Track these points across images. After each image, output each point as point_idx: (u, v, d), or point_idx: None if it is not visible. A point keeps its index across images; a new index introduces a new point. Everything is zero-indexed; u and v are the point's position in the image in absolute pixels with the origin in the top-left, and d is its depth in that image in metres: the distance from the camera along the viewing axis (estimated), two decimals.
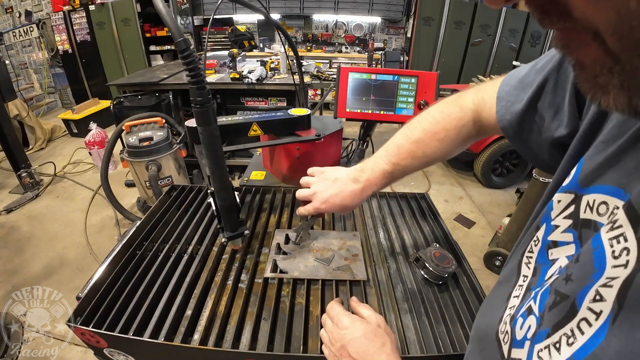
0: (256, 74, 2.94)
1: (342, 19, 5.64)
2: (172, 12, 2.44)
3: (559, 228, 0.35)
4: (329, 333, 0.56)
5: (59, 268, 2.33)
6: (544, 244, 0.36)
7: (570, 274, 0.29)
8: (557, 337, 0.28)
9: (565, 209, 0.34)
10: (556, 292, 0.30)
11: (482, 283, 0.73)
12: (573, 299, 0.27)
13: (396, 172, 0.69)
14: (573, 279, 0.28)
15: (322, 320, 0.60)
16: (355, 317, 0.57)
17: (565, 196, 0.35)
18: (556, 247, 0.34)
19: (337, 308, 0.59)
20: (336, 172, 0.74)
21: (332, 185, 0.71)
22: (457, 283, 0.75)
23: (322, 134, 1.08)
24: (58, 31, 5.28)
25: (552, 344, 0.28)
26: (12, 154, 3.13)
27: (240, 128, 0.97)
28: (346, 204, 0.69)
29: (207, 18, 5.37)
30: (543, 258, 0.36)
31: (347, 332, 0.54)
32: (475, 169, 3.48)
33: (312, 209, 0.72)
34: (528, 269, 0.38)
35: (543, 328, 0.30)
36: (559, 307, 0.29)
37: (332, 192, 0.70)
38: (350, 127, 1.36)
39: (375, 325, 0.55)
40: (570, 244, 0.33)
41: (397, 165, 0.68)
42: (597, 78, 0.22)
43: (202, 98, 0.58)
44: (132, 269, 0.74)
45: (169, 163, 2.51)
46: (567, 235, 0.33)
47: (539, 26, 3.29)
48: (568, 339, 0.27)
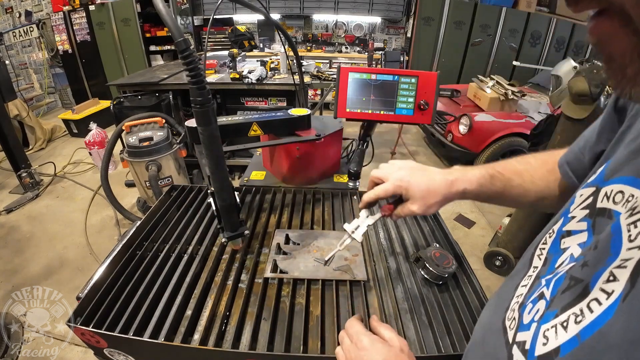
0: (256, 74, 2.94)
1: (342, 19, 5.64)
2: (172, 12, 2.44)
3: (575, 218, 0.35)
4: (346, 352, 0.52)
5: (59, 268, 2.33)
6: (558, 234, 0.36)
7: (587, 260, 0.29)
8: (565, 317, 0.28)
9: (583, 201, 0.35)
10: (571, 277, 0.30)
11: (482, 283, 0.73)
12: (587, 282, 0.28)
13: (496, 180, 0.58)
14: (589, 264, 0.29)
15: (340, 338, 0.55)
16: (377, 338, 0.52)
17: (586, 190, 0.35)
18: (569, 236, 0.35)
19: (356, 326, 0.54)
20: (413, 163, 0.64)
21: (417, 169, 0.62)
22: (457, 283, 0.75)
23: (322, 134, 1.08)
24: (58, 31, 5.28)
25: (559, 323, 0.28)
26: (12, 154, 3.13)
27: (240, 128, 0.97)
28: (434, 188, 0.58)
29: (207, 18, 5.37)
30: (555, 248, 0.36)
31: (367, 354, 0.49)
32: None
33: (392, 186, 0.60)
34: (539, 260, 0.38)
35: (551, 309, 0.30)
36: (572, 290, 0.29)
37: (417, 174, 0.60)
38: (350, 127, 1.35)
39: (397, 349, 0.50)
40: (583, 232, 0.33)
41: (500, 175, 0.58)
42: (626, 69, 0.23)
43: (202, 98, 0.58)
44: (132, 269, 0.74)
45: (169, 163, 2.51)
46: (582, 224, 0.34)
47: (538, 26, 3.29)
48: (576, 318, 0.27)
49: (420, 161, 4.13)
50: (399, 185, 0.60)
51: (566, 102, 1.83)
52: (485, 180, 0.58)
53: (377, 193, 0.63)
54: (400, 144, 4.33)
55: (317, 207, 1.02)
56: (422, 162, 3.94)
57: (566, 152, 0.53)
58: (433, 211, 0.60)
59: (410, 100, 0.98)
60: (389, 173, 0.62)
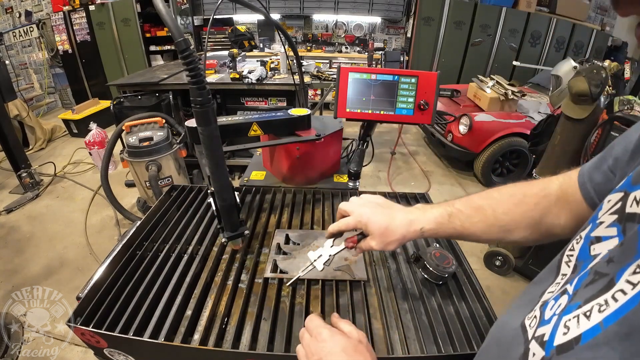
0: (256, 74, 2.94)
1: (342, 19, 5.63)
2: (172, 12, 2.45)
3: (604, 224, 0.34)
4: (305, 347, 0.52)
5: (59, 268, 2.33)
6: (587, 240, 0.36)
7: (612, 256, 0.29)
8: (588, 307, 0.28)
9: (612, 207, 0.34)
10: (595, 272, 0.30)
11: (482, 283, 0.73)
12: (612, 276, 0.28)
13: (455, 218, 0.58)
14: (614, 260, 0.29)
15: (300, 334, 0.55)
16: (336, 330, 0.53)
17: (614, 196, 0.35)
18: (599, 243, 0.34)
19: (316, 321, 0.55)
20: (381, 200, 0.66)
21: (381, 206, 0.63)
22: (457, 283, 0.75)
23: (322, 134, 1.08)
24: (58, 31, 5.28)
25: (582, 313, 0.28)
26: (12, 154, 3.13)
27: (240, 128, 0.97)
28: (392, 227, 0.59)
29: (207, 18, 5.37)
30: (585, 254, 0.35)
31: (326, 345, 0.50)
32: (475, 169, 3.48)
33: (353, 221, 0.63)
34: (568, 267, 0.37)
35: (574, 302, 0.30)
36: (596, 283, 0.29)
37: (379, 211, 0.61)
38: (350, 127, 1.36)
39: (356, 340, 0.51)
40: (614, 237, 0.32)
41: (460, 212, 0.58)
42: None
43: (202, 98, 0.58)
44: (132, 269, 0.74)
45: (169, 163, 2.51)
46: (611, 229, 0.33)
47: (538, 26, 3.28)
48: (600, 307, 0.27)
49: (420, 161, 4.13)
50: (359, 220, 0.62)
51: (566, 102, 1.83)
52: (443, 219, 0.59)
53: (339, 226, 0.65)
54: (400, 144, 4.33)
55: (317, 207, 1.02)
56: (422, 162, 3.97)
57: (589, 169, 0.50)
58: (392, 248, 0.62)
59: (410, 100, 0.98)
60: (354, 208, 0.64)
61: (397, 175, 3.72)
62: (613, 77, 1.93)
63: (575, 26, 5.22)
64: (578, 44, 5.35)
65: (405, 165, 3.96)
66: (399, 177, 3.69)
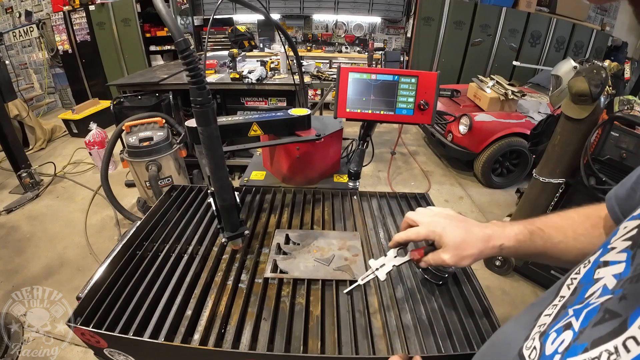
0: (256, 74, 2.94)
1: (342, 19, 5.64)
2: (172, 12, 2.44)
3: (615, 249, 0.33)
4: None
5: (59, 268, 2.33)
6: (594, 264, 0.34)
7: (625, 293, 0.27)
8: (596, 353, 0.25)
9: (627, 233, 0.33)
10: (606, 310, 0.28)
11: (482, 283, 0.73)
12: (625, 317, 0.25)
13: (536, 236, 0.56)
14: (628, 297, 0.27)
15: None
16: None
17: (632, 222, 0.33)
18: (605, 267, 0.32)
19: None
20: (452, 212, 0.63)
21: (455, 218, 0.60)
22: (457, 283, 0.75)
23: (322, 134, 1.08)
24: (58, 31, 5.28)
25: (590, 359, 0.26)
26: (12, 154, 3.13)
27: (240, 128, 0.97)
28: (470, 241, 0.56)
29: (207, 18, 5.37)
30: (587, 278, 0.34)
31: None
32: (475, 169, 3.49)
33: (425, 231, 0.59)
34: (568, 290, 0.36)
35: (580, 342, 0.28)
36: (606, 324, 0.27)
37: (454, 223, 0.58)
38: (350, 127, 1.36)
39: None
40: (621, 263, 0.31)
41: (540, 231, 0.56)
42: None
43: (202, 98, 0.58)
44: (132, 269, 0.74)
45: (169, 163, 2.51)
46: (621, 255, 0.32)
47: (538, 26, 3.28)
48: (610, 356, 0.24)
49: (420, 161, 4.14)
50: (433, 230, 0.59)
51: (566, 102, 1.83)
52: (524, 236, 0.56)
53: (409, 235, 0.61)
54: (400, 144, 4.33)
55: (317, 207, 1.02)
56: (422, 162, 3.97)
57: (617, 186, 0.50)
58: (466, 264, 0.57)
59: (410, 100, 0.98)
60: (424, 218, 0.61)
61: (397, 175, 3.72)
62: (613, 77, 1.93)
63: (575, 26, 5.22)
64: (578, 44, 5.35)
65: (405, 165, 3.96)
66: (399, 177, 3.69)
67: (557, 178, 1.95)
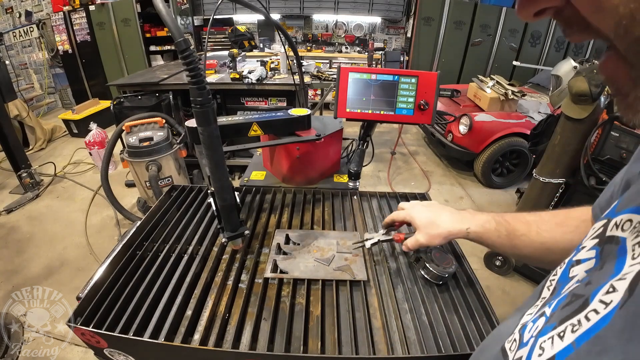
0: (256, 74, 2.94)
1: (342, 19, 5.64)
2: (172, 12, 2.44)
3: (585, 248, 0.35)
4: None
5: (59, 268, 2.33)
6: (569, 264, 0.37)
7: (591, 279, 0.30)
8: (562, 328, 0.28)
9: (595, 232, 0.36)
10: (573, 294, 0.30)
11: (482, 283, 0.73)
12: (587, 296, 0.28)
13: (501, 226, 0.61)
14: (592, 282, 0.29)
15: None
16: None
17: (599, 223, 0.36)
18: (578, 265, 0.35)
19: None
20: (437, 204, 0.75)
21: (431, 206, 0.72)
22: (457, 283, 0.75)
23: (322, 134, 1.08)
24: (58, 31, 5.28)
25: (556, 334, 0.28)
26: (13, 154, 3.13)
27: (240, 128, 0.97)
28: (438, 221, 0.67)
29: (207, 18, 5.38)
30: (564, 277, 0.36)
31: None
32: (475, 169, 3.49)
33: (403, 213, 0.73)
34: (548, 291, 0.38)
35: (550, 323, 0.30)
36: (572, 304, 0.29)
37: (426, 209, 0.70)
38: (350, 127, 1.36)
39: None
40: (591, 259, 0.33)
41: (506, 223, 0.61)
42: (628, 97, 0.24)
43: (202, 98, 0.58)
44: (132, 269, 0.74)
45: (169, 163, 2.51)
46: (591, 252, 0.34)
47: (538, 26, 3.28)
48: (573, 327, 0.27)
49: (420, 161, 4.14)
50: (409, 213, 0.72)
51: (566, 102, 1.83)
52: (490, 225, 0.62)
53: (392, 216, 0.77)
54: (400, 144, 4.33)
55: (317, 207, 1.02)
56: (422, 162, 3.97)
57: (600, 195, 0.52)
58: (437, 243, 0.67)
59: (410, 100, 0.98)
60: (408, 205, 0.75)
61: (397, 175, 3.73)
62: None
63: None
64: (578, 44, 5.35)
65: (405, 165, 3.96)
66: (399, 177, 3.69)
67: (557, 178, 1.95)
